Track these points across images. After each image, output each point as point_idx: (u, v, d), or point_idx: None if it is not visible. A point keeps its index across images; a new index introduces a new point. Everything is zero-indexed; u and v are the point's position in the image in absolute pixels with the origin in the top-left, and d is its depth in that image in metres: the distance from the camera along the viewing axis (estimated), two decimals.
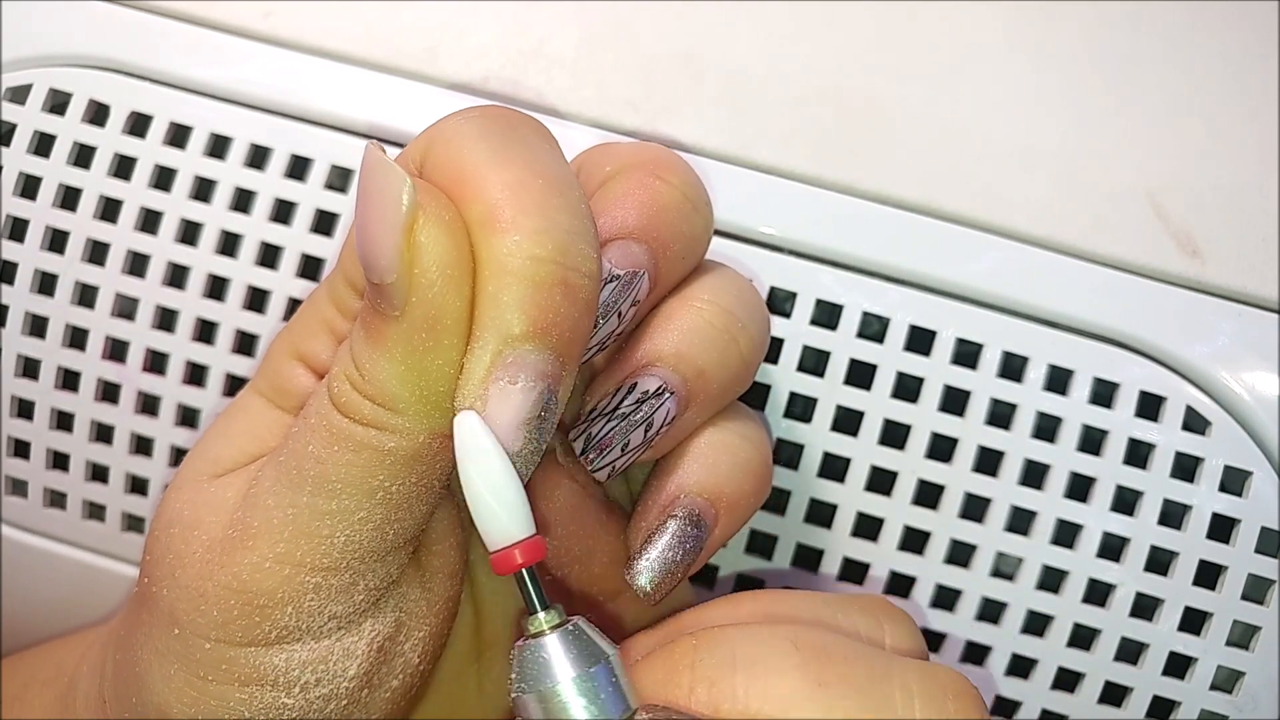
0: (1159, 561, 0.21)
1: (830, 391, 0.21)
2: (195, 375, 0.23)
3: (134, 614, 0.17)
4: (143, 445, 0.23)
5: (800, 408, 0.21)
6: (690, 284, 0.18)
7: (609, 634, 0.15)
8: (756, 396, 0.21)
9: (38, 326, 0.23)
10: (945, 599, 0.21)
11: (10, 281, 0.23)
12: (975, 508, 0.21)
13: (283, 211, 0.22)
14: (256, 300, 0.22)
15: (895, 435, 0.21)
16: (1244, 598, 0.20)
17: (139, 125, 0.23)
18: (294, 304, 0.22)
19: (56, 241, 0.23)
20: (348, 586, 0.15)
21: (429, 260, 0.14)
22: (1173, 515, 0.21)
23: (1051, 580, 0.21)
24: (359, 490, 0.15)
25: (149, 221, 0.23)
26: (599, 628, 0.15)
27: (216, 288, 0.22)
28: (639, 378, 0.17)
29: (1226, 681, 0.21)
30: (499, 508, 0.14)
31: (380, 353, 0.15)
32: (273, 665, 0.15)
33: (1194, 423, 0.21)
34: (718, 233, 0.22)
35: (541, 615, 0.15)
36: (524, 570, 0.15)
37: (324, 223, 0.22)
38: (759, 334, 0.18)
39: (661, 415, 0.17)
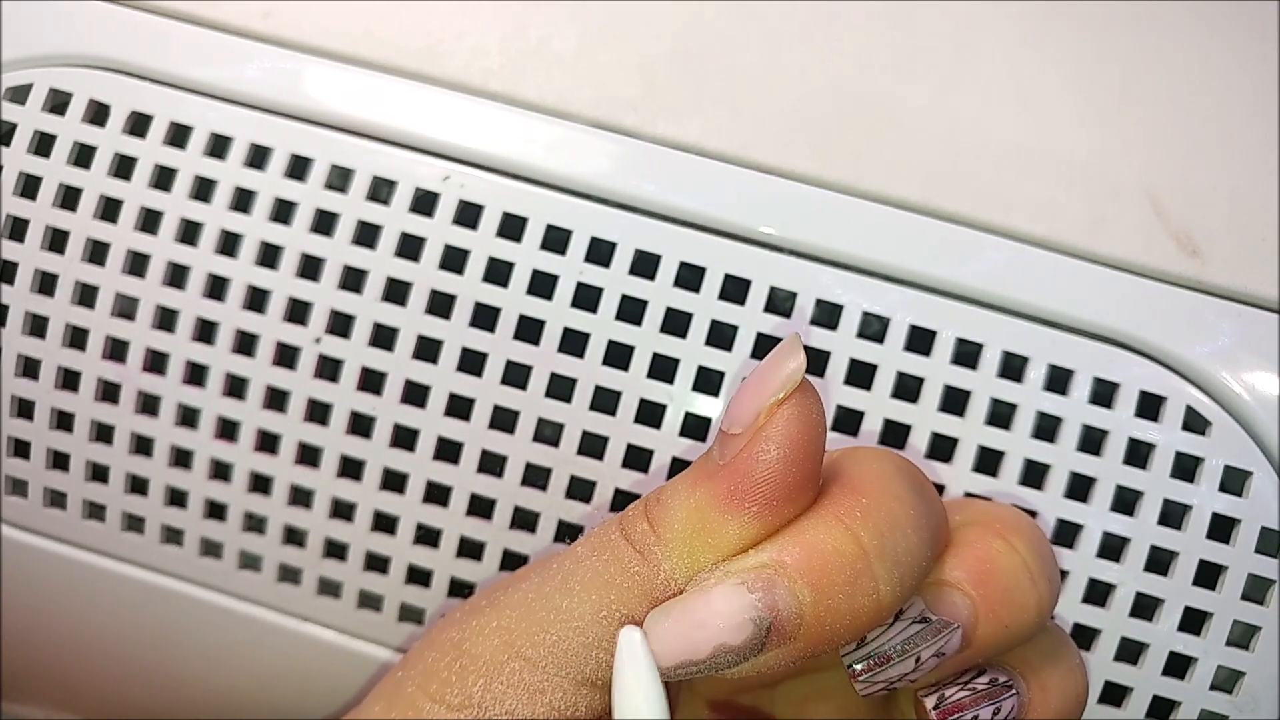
0: (1159, 561, 0.21)
1: (830, 392, 0.21)
2: (195, 375, 0.23)
3: None
4: (143, 445, 0.23)
5: None
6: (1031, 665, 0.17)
7: None
8: None
9: (38, 326, 0.23)
10: None
11: (10, 281, 0.23)
12: None
13: (283, 211, 0.22)
14: (256, 300, 0.22)
15: (895, 435, 0.21)
16: (1244, 598, 0.20)
17: (139, 125, 0.23)
18: (294, 303, 0.22)
19: (56, 241, 0.23)
20: (535, 689, 0.15)
21: (773, 432, 0.15)
22: (1173, 515, 0.21)
23: None
24: (591, 600, 0.15)
25: (149, 221, 0.23)
26: None
27: (216, 288, 0.22)
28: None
29: (1226, 681, 0.21)
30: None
31: (686, 488, 0.15)
32: None
33: (1194, 423, 0.21)
34: (718, 232, 0.22)
35: None
36: None
37: (324, 223, 0.22)
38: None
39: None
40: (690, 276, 0.22)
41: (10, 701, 0.28)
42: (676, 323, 0.22)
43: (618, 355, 0.22)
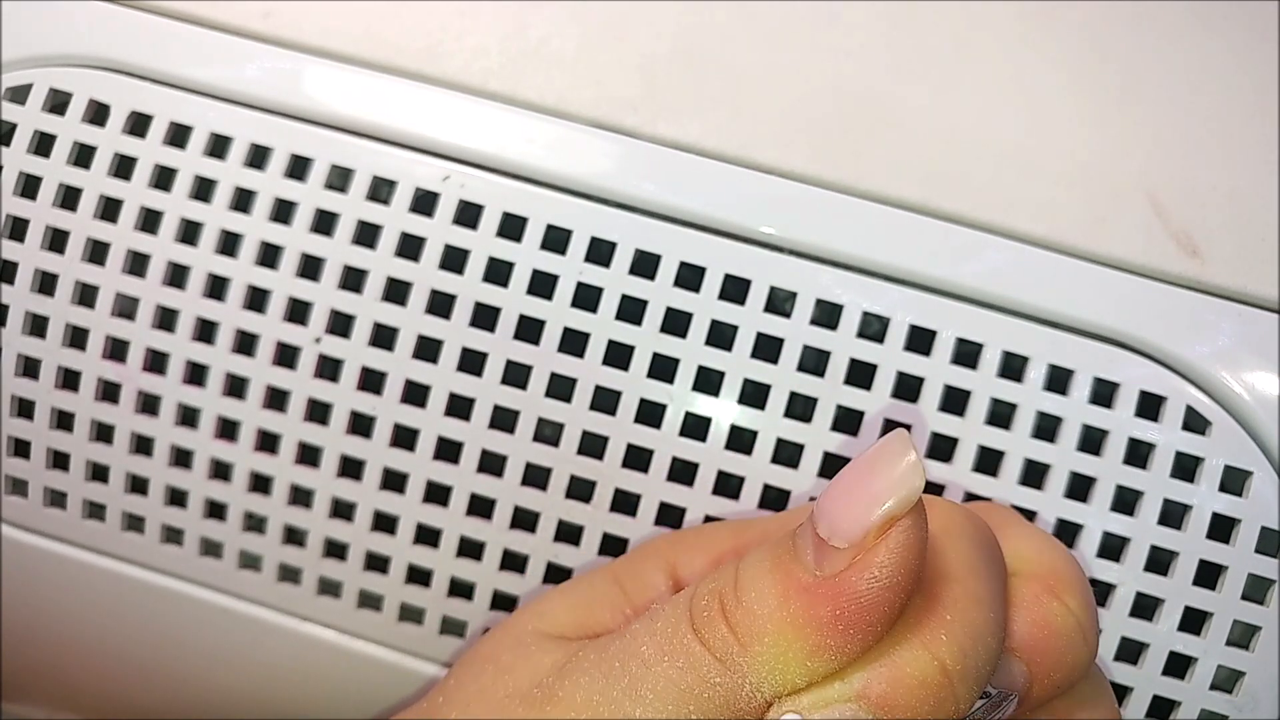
0: (1159, 561, 0.21)
1: (830, 392, 0.21)
2: (195, 375, 0.23)
3: None
4: (143, 445, 0.23)
5: (800, 408, 0.21)
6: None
7: None
8: (755, 397, 0.21)
9: (38, 326, 0.23)
10: None
11: (10, 281, 0.23)
12: None
13: (283, 211, 0.22)
14: (256, 300, 0.22)
15: None
16: (1244, 598, 0.20)
17: (139, 125, 0.23)
18: (294, 303, 0.22)
19: (56, 241, 0.23)
20: None
21: (887, 559, 0.13)
22: (1173, 515, 0.21)
23: None
24: (667, 711, 0.14)
25: (149, 221, 0.23)
26: None
27: (216, 288, 0.23)
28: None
29: (1226, 681, 0.21)
30: None
31: (776, 598, 0.14)
32: None
33: (1194, 423, 0.21)
34: (718, 232, 0.22)
35: None
36: None
37: (324, 223, 0.22)
38: None
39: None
40: (690, 276, 0.22)
41: (10, 701, 0.28)
42: (676, 323, 0.22)
43: (618, 355, 0.22)
